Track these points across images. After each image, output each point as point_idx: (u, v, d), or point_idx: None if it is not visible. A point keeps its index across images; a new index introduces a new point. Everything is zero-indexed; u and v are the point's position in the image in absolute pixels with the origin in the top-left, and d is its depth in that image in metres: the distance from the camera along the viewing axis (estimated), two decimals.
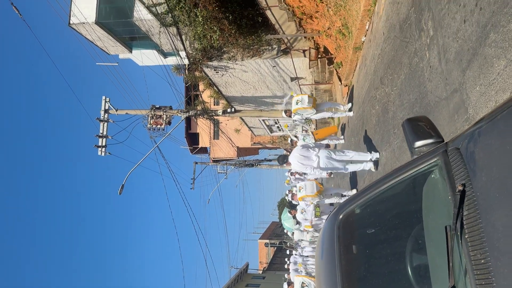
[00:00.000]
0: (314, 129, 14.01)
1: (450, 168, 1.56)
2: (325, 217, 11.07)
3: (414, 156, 1.86)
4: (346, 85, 11.89)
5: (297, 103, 9.64)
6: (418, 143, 1.84)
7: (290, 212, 13.00)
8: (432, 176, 1.71)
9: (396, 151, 6.22)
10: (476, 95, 3.52)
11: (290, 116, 10.19)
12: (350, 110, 10.53)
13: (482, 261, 1.34)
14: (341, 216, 2.14)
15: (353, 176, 10.38)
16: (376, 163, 7.64)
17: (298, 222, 15.27)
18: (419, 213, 1.78)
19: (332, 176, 12.81)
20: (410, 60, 5.42)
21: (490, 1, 3.24)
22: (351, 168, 7.99)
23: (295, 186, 10.96)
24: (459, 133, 1.67)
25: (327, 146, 9.12)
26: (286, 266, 15.33)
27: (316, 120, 14.48)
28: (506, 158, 1.29)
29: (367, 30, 8.95)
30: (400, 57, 5.89)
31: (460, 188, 1.46)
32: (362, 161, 7.80)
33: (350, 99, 11.05)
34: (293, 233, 13.97)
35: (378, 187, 1.97)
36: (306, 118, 10.09)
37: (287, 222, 15.30)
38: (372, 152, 7.59)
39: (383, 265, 2.05)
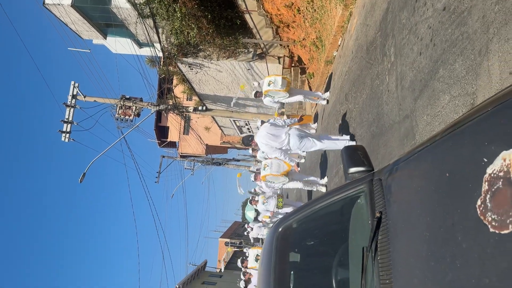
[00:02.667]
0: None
1: (373, 196, 1.75)
2: (287, 209, 10.41)
3: (347, 180, 2.06)
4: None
5: (269, 84, 8.82)
6: (352, 170, 2.03)
7: (251, 202, 12.15)
8: (359, 201, 1.90)
9: None
10: (423, 123, 3.79)
11: (260, 97, 9.38)
12: (326, 100, 9.66)
13: (387, 281, 1.53)
14: (280, 229, 2.31)
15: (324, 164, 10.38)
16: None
17: (257, 215, 15.43)
18: (347, 232, 1.97)
19: (299, 168, 12.30)
20: (372, 81, 5.69)
21: (442, 39, 3.51)
22: (328, 144, 6.92)
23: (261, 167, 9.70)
24: (384, 166, 1.87)
25: (300, 120, 7.78)
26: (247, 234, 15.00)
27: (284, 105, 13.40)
28: (411, 195, 1.48)
29: (339, 45, 9.25)
30: (364, 77, 6.16)
31: (378, 215, 1.65)
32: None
33: (316, 117, 11.34)
34: (252, 229, 14.15)
35: (315, 205, 2.15)
36: (277, 102, 9.22)
37: (249, 213, 15.45)
38: (344, 135, 6.91)
39: (312, 276, 2.23)
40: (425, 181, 1.42)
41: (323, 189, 8.73)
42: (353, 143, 6.51)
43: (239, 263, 13.15)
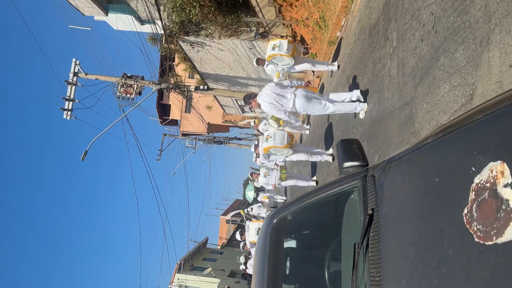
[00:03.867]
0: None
1: (366, 192, 1.76)
2: (290, 181, 10.16)
3: (341, 175, 2.07)
4: (318, 77, 12.10)
5: (273, 48, 7.93)
6: (346, 164, 2.04)
7: (251, 175, 11.96)
8: (352, 196, 1.92)
9: None
10: (423, 111, 3.77)
11: (262, 65, 8.56)
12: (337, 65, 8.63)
13: (377, 278, 1.56)
14: (275, 220, 2.34)
15: (313, 166, 10.57)
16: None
17: (257, 194, 15.44)
18: (340, 227, 2.00)
19: (308, 125, 11.61)
20: (374, 65, 5.64)
21: (444, 27, 3.45)
22: (335, 108, 6.18)
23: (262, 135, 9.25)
24: (378, 163, 1.87)
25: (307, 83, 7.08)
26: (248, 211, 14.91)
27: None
28: (402, 195, 1.50)
29: (343, 26, 9.11)
30: (366, 61, 6.10)
31: (370, 212, 1.67)
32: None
33: (321, 91, 11.15)
34: (251, 208, 14.18)
35: (309, 199, 2.18)
36: (280, 70, 8.28)
37: (249, 193, 15.51)
38: (354, 90, 6.06)
39: (305, 268, 2.27)
40: (416, 183, 1.43)
41: (330, 159, 8.11)
42: (362, 101, 5.90)
43: (237, 236, 12.79)
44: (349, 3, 8.27)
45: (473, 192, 1.07)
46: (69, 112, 15.73)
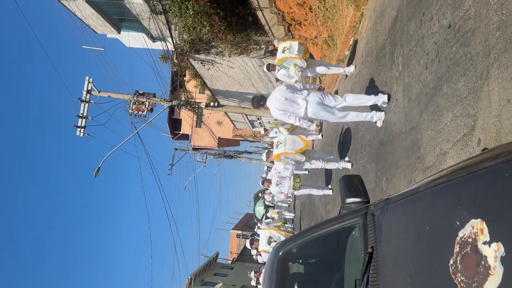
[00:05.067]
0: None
1: (366, 230, 1.86)
2: (304, 191, 9.57)
3: (343, 210, 2.16)
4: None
5: (283, 51, 7.34)
6: (349, 200, 2.14)
7: (263, 184, 11.24)
8: (354, 233, 2.01)
9: (361, 170, 6.57)
10: (427, 138, 3.85)
11: (273, 70, 7.97)
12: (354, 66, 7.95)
13: None
14: (281, 253, 2.44)
15: (328, 173, 10.10)
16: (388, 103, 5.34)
17: (267, 210, 15.25)
18: (342, 262, 2.09)
19: (320, 133, 10.98)
20: (381, 87, 5.73)
21: (447, 57, 3.55)
22: (351, 117, 5.82)
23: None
24: (378, 201, 1.97)
25: (320, 89, 6.38)
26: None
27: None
28: (398, 238, 1.59)
29: (351, 45, 9.25)
30: (373, 83, 6.20)
31: (370, 250, 1.76)
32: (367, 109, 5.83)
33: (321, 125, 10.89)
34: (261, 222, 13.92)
35: (314, 233, 2.27)
36: (292, 75, 7.49)
37: (259, 208, 15.36)
38: (380, 94, 5.45)
39: None
40: (410, 228, 1.52)
41: (348, 166, 7.43)
42: (382, 113, 5.46)
43: (247, 244, 12.20)
44: (356, 23, 8.42)
45: (458, 245, 1.16)
46: (82, 129, 16.05)
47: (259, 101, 6.32)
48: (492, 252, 1.03)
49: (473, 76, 3.04)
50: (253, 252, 12.13)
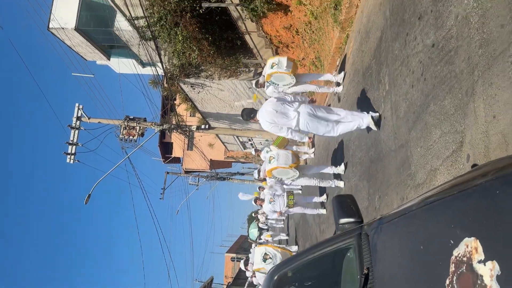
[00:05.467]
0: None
1: (361, 251, 1.85)
2: (297, 209, 9.35)
3: (338, 231, 2.16)
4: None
5: (272, 67, 7.12)
6: (342, 220, 2.13)
7: (255, 202, 10.90)
8: (349, 254, 2.00)
9: (353, 188, 6.58)
10: (417, 155, 3.89)
11: (262, 87, 7.68)
12: (338, 84, 8.06)
13: None
14: (276, 277, 2.41)
15: (322, 191, 9.94)
16: (377, 122, 5.33)
17: (260, 232, 14.99)
18: (339, 284, 2.07)
19: (313, 144, 10.73)
20: (369, 107, 5.80)
21: (432, 75, 3.62)
22: (342, 128, 5.72)
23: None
24: (371, 221, 1.97)
25: (311, 101, 6.29)
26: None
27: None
28: (393, 258, 1.58)
29: (338, 66, 9.40)
30: (361, 102, 6.27)
31: (365, 271, 1.75)
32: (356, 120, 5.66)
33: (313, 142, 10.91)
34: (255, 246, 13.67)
35: (309, 255, 2.25)
36: (281, 91, 7.17)
37: (253, 231, 15.17)
38: (370, 112, 5.43)
39: None
40: (404, 249, 1.51)
41: (341, 184, 7.35)
42: (371, 118, 5.32)
43: (242, 265, 11.68)
44: (342, 44, 8.58)
45: (453, 264, 1.16)
46: (72, 156, 15.92)
47: (249, 113, 6.19)
48: (488, 271, 1.02)
49: (459, 93, 3.10)
50: (248, 273, 11.80)
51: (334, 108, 5.83)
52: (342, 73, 7.82)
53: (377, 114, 5.30)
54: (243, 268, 11.53)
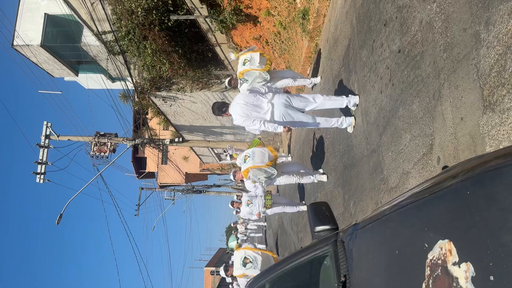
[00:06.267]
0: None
1: (337, 258, 1.82)
2: (276, 209, 9.01)
3: (314, 239, 2.13)
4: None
5: (244, 63, 6.72)
6: (318, 228, 2.11)
7: (232, 205, 10.53)
8: (325, 262, 1.97)
9: (329, 195, 6.60)
10: (389, 159, 3.93)
11: (236, 85, 7.35)
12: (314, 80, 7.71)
13: None
14: None
15: (302, 190, 9.54)
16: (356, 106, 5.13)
17: (240, 245, 14.87)
18: None
19: (290, 133, 10.40)
20: (340, 113, 5.86)
21: (399, 80, 3.69)
22: (321, 122, 5.56)
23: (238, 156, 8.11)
24: (346, 227, 1.95)
25: (286, 91, 5.99)
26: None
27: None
28: (368, 265, 1.57)
29: (309, 74, 9.50)
30: (333, 109, 6.33)
31: (343, 279, 1.72)
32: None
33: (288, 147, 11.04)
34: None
35: (286, 265, 2.22)
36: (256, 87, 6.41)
37: (232, 243, 15.02)
38: (350, 95, 5.17)
39: None
40: (380, 254, 1.50)
41: (324, 178, 7.02)
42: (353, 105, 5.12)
43: (222, 272, 11.22)
44: (312, 53, 8.69)
45: (428, 268, 1.15)
46: (42, 176, 15.40)
47: (221, 107, 5.79)
48: (463, 273, 1.01)
49: (426, 97, 3.16)
50: (228, 279, 11.36)
51: (310, 95, 5.47)
52: (318, 78, 7.65)
53: (357, 96, 5.05)
54: (223, 275, 11.10)
